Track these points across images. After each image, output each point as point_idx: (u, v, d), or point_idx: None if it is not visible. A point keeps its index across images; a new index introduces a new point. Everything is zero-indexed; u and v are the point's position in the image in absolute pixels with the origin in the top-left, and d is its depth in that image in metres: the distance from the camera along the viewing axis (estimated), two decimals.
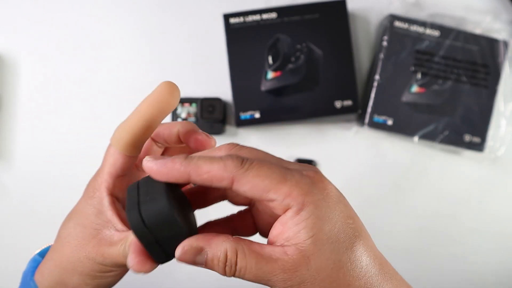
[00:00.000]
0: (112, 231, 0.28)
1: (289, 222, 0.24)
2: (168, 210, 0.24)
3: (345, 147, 0.59)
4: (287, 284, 0.24)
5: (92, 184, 0.29)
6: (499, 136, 0.58)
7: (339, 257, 0.24)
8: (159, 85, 0.28)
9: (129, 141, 0.28)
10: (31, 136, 0.58)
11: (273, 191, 0.24)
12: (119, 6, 0.59)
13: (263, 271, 0.24)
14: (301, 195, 0.24)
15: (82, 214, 0.29)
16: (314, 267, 0.24)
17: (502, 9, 0.60)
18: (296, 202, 0.24)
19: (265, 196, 0.24)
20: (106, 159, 0.29)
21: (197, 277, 0.58)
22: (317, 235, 0.24)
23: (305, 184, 0.24)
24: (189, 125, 0.31)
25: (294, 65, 0.55)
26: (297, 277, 0.24)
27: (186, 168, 0.25)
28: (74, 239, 0.28)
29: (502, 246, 0.59)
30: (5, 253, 0.58)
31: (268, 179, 0.24)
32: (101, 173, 0.29)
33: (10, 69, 0.58)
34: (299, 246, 0.24)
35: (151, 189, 0.25)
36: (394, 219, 0.59)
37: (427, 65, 0.56)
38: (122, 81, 0.59)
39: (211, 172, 0.24)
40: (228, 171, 0.24)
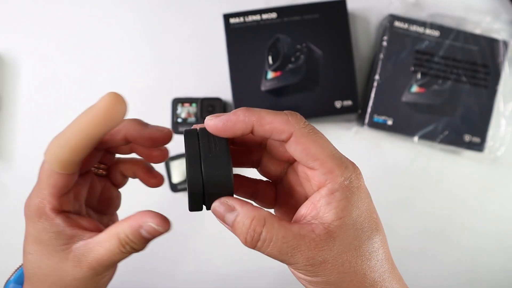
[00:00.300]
0: (81, 243, 0.27)
1: (321, 200, 0.25)
2: (230, 177, 0.25)
3: (345, 147, 0.58)
4: (309, 262, 0.25)
5: (34, 208, 0.27)
6: (499, 136, 0.58)
7: (361, 244, 0.25)
8: (103, 96, 0.25)
9: (69, 160, 0.25)
10: (31, 136, 0.58)
11: (320, 161, 0.25)
12: (119, 6, 0.59)
13: (288, 245, 0.24)
14: (340, 176, 0.25)
15: (40, 243, 0.27)
16: (337, 249, 0.25)
17: (502, 9, 0.60)
18: (334, 181, 0.25)
19: (310, 162, 0.25)
20: (44, 179, 0.27)
21: (196, 279, 0.58)
22: (345, 218, 0.25)
23: (346, 168, 0.26)
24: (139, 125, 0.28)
25: (294, 65, 0.55)
26: (320, 256, 0.24)
27: (249, 118, 0.25)
28: (49, 270, 0.27)
29: (502, 246, 0.59)
30: (5, 253, 0.58)
31: (321, 148, 0.25)
32: (40, 194, 0.27)
33: (10, 69, 0.58)
34: (326, 225, 0.25)
35: (212, 144, 0.26)
36: (394, 219, 0.59)
37: (427, 65, 0.56)
38: (122, 81, 0.59)
39: (273, 123, 0.25)
40: (290, 125, 0.25)
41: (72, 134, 0.25)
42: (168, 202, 0.57)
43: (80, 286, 0.27)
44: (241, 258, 0.57)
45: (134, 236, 0.26)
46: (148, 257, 0.57)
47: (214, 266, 0.58)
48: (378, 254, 0.26)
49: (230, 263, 0.58)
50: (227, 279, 0.58)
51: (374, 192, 0.62)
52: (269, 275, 0.57)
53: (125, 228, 0.26)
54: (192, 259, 0.58)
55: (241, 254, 0.57)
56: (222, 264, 0.58)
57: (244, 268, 0.58)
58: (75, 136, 0.25)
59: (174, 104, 0.56)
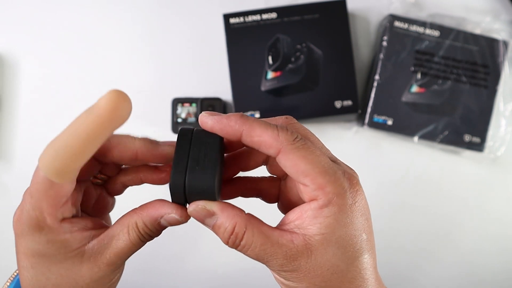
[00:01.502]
0: (94, 242, 0.26)
1: (308, 212, 0.25)
2: (212, 190, 0.25)
3: (345, 147, 0.59)
4: (282, 268, 0.25)
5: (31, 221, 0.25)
6: (499, 136, 0.58)
7: (339, 262, 0.25)
8: (104, 94, 0.21)
9: (65, 167, 0.22)
10: (31, 136, 0.58)
11: (310, 178, 0.24)
12: (119, 6, 0.59)
13: (265, 253, 0.25)
14: (332, 193, 0.24)
15: (45, 256, 0.25)
16: (313, 262, 0.25)
17: (502, 9, 0.60)
18: (324, 197, 0.25)
19: (301, 179, 0.25)
20: (39, 190, 0.24)
21: (198, 277, 0.58)
22: (328, 235, 0.25)
23: (340, 185, 0.25)
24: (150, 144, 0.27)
25: (294, 65, 0.55)
26: (294, 265, 0.25)
27: (240, 127, 0.25)
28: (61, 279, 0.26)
29: (502, 246, 0.59)
30: (5, 253, 0.58)
31: (310, 164, 0.24)
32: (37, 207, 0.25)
33: (10, 69, 0.58)
34: (307, 238, 0.25)
35: (202, 153, 0.25)
36: (394, 218, 0.59)
37: (427, 65, 0.56)
38: (122, 81, 0.59)
39: (262, 136, 0.25)
40: (279, 142, 0.25)
41: (71, 139, 0.22)
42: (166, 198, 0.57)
43: (97, 286, 0.27)
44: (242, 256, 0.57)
45: (152, 225, 0.26)
46: (149, 256, 0.57)
47: (216, 264, 0.58)
48: (359, 277, 0.26)
49: (232, 261, 0.58)
50: (229, 277, 0.58)
51: (374, 192, 0.63)
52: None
53: (144, 218, 0.26)
54: (194, 257, 0.58)
55: None
56: (225, 262, 0.58)
57: (246, 266, 0.58)
58: (74, 141, 0.22)
59: (174, 104, 0.56)
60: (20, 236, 0.26)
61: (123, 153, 0.26)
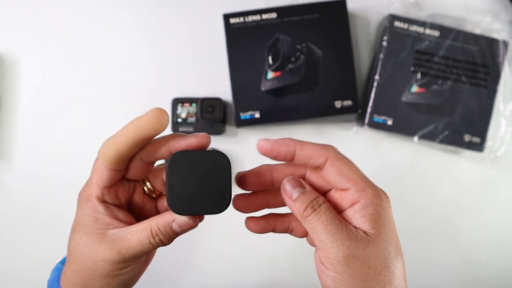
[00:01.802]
0: (115, 230, 0.30)
1: (355, 214, 0.29)
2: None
3: (345, 147, 0.58)
4: (344, 252, 0.27)
5: (84, 194, 0.31)
6: (499, 136, 0.58)
7: (389, 257, 0.28)
8: (150, 110, 0.29)
9: (115, 157, 0.29)
10: (31, 136, 0.58)
11: (353, 181, 0.29)
12: (119, 6, 0.59)
13: (334, 223, 0.28)
14: (372, 194, 0.29)
15: (82, 224, 0.31)
16: (370, 251, 0.27)
17: (502, 9, 0.60)
18: (366, 198, 0.29)
19: (344, 182, 0.29)
20: (94, 171, 0.31)
21: (201, 285, 0.58)
22: (378, 229, 0.28)
23: (376, 189, 0.30)
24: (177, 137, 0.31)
25: (294, 65, 0.55)
26: (354, 250, 0.27)
27: (294, 143, 0.30)
28: (84, 248, 0.31)
29: (502, 246, 0.59)
30: (5, 253, 0.58)
31: (353, 170, 0.30)
32: (90, 184, 0.31)
33: (10, 69, 0.58)
34: (365, 231, 0.28)
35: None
36: (393, 218, 0.59)
37: (427, 65, 0.56)
38: (122, 81, 0.59)
39: (313, 149, 0.30)
40: (327, 151, 0.30)
41: (120, 138, 0.29)
42: None
43: (106, 267, 0.30)
44: (249, 266, 0.57)
45: (164, 229, 0.30)
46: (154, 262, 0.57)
47: (219, 273, 0.58)
48: (400, 274, 0.28)
49: (237, 270, 0.58)
50: (232, 286, 0.58)
51: None
52: (275, 284, 0.57)
53: (158, 221, 0.30)
54: (198, 265, 0.58)
55: (248, 261, 0.57)
56: (228, 272, 0.58)
57: (250, 276, 0.58)
58: (122, 137, 0.29)
59: (174, 104, 0.56)
60: (77, 208, 0.32)
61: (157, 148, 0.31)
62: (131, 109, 0.58)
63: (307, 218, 0.29)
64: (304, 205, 0.29)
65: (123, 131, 0.29)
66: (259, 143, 0.31)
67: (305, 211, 0.29)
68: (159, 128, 0.28)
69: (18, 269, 0.57)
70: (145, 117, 0.28)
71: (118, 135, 0.29)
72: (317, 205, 0.29)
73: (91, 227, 0.30)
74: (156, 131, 0.29)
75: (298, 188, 0.30)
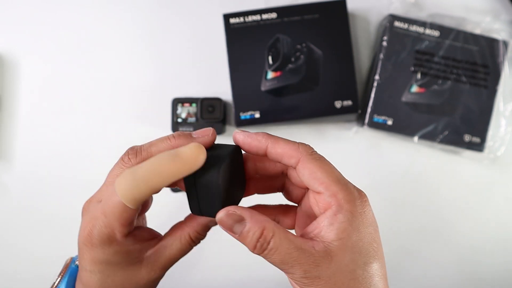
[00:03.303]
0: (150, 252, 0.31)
1: (324, 221, 0.27)
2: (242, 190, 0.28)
3: (345, 147, 0.59)
4: (306, 275, 0.26)
5: (102, 236, 0.28)
6: (499, 136, 0.58)
7: (356, 268, 0.26)
8: (189, 146, 0.26)
9: (144, 198, 0.27)
10: (31, 136, 0.58)
11: (325, 185, 0.27)
12: (119, 7, 0.59)
13: (290, 257, 0.26)
14: (344, 200, 0.27)
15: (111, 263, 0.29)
16: (332, 267, 0.26)
17: (502, 9, 0.60)
18: (338, 203, 0.27)
19: (316, 186, 0.28)
20: (115, 213, 0.27)
21: (203, 284, 0.58)
22: (344, 240, 0.26)
23: (351, 193, 0.28)
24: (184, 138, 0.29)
25: (294, 65, 0.55)
26: (316, 271, 0.26)
27: (266, 141, 0.29)
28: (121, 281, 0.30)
29: (502, 246, 0.59)
30: (5, 253, 0.58)
31: (326, 173, 0.28)
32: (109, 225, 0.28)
33: (10, 69, 0.58)
34: (326, 244, 0.27)
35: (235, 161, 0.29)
36: (393, 218, 0.59)
37: (427, 65, 0.56)
38: (122, 81, 0.59)
39: (285, 148, 0.28)
40: (299, 152, 0.28)
41: (153, 176, 0.26)
42: (169, 202, 0.57)
43: (151, 286, 0.31)
44: (247, 263, 0.57)
45: (204, 230, 0.31)
46: None
47: (222, 271, 0.58)
48: (372, 282, 0.27)
49: (237, 268, 0.58)
50: (234, 285, 0.58)
51: (373, 192, 0.63)
52: (273, 282, 0.57)
53: (196, 227, 0.31)
54: (200, 263, 0.58)
55: (247, 259, 0.57)
56: (230, 269, 0.58)
57: (251, 273, 0.58)
58: (156, 179, 0.26)
59: (174, 104, 0.56)
60: (90, 248, 0.29)
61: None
62: (131, 109, 0.58)
63: (261, 255, 0.27)
64: (252, 244, 0.27)
65: (157, 170, 0.26)
66: (235, 135, 0.30)
67: (256, 249, 0.27)
68: (198, 166, 0.26)
69: (18, 269, 0.57)
70: (186, 157, 0.25)
71: (151, 175, 0.26)
72: (266, 243, 0.26)
73: (125, 261, 0.30)
74: (195, 169, 0.26)
75: (237, 225, 0.27)
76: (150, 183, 0.26)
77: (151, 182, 0.26)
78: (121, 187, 0.26)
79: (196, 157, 0.25)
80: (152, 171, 0.26)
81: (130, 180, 0.26)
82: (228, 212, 0.27)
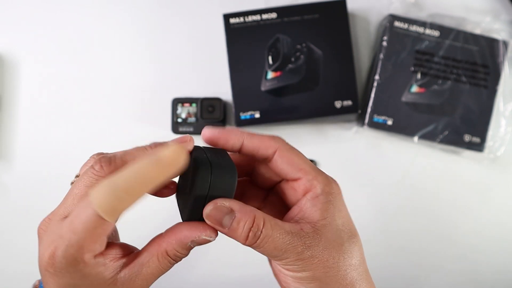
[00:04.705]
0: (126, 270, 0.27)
1: (307, 204, 0.28)
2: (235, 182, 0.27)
3: (345, 147, 0.59)
4: (299, 257, 0.27)
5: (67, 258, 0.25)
6: (499, 136, 0.58)
7: (343, 242, 0.28)
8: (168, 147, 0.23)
9: (121, 208, 0.23)
10: (31, 136, 0.58)
11: (304, 171, 0.29)
12: (119, 7, 0.59)
13: (283, 242, 0.26)
14: (323, 183, 0.28)
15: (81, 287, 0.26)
16: (323, 245, 0.27)
17: (502, 9, 0.60)
18: (318, 186, 0.28)
19: (295, 172, 0.29)
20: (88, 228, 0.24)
21: (203, 281, 0.58)
22: (329, 218, 0.28)
23: (326, 177, 0.29)
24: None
25: (294, 65, 0.55)
26: (309, 252, 0.27)
27: (241, 135, 0.29)
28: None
29: (502, 246, 0.59)
30: (5, 253, 0.58)
31: (303, 160, 0.29)
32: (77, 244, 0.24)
33: (10, 69, 0.58)
34: (313, 225, 0.28)
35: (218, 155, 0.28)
36: (394, 218, 0.59)
37: (427, 65, 0.56)
38: (122, 81, 0.59)
39: (262, 139, 0.29)
40: (276, 142, 0.29)
41: (134, 184, 0.23)
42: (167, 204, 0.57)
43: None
44: (247, 261, 0.57)
45: (183, 249, 0.27)
46: None
47: (222, 268, 0.58)
48: (357, 255, 0.29)
49: (237, 266, 0.58)
50: (234, 282, 0.58)
51: (373, 192, 0.63)
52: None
53: (174, 245, 0.27)
54: (199, 261, 0.58)
55: (247, 256, 0.57)
56: (231, 267, 0.58)
57: (252, 271, 0.58)
58: (138, 187, 0.23)
59: (174, 104, 0.56)
60: (53, 273, 0.25)
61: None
62: (131, 109, 0.58)
63: (253, 246, 0.27)
64: (244, 235, 0.26)
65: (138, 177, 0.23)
66: (205, 131, 0.29)
67: (248, 240, 0.26)
68: (181, 167, 0.24)
69: (18, 269, 0.57)
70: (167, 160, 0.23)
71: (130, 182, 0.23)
72: (259, 231, 0.26)
73: (95, 285, 0.26)
74: (178, 173, 0.24)
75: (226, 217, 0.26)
76: (132, 192, 0.23)
77: (134, 191, 0.23)
78: (99, 199, 0.23)
79: (177, 157, 0.23)
80: (134, 178, 0.23)
81: (110, 190, 0.23)
82: (217, 205, 0.26)
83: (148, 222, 0.50)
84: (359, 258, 0.29)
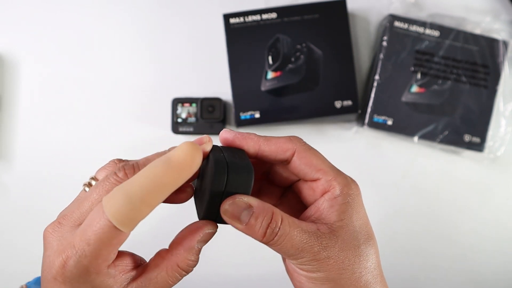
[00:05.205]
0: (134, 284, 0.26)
1: (325, 203, 0.28)
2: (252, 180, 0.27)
3: (345, 147, 0.59)
4: (315, 257, 0.26)
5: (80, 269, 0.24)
6: (499, 136, 0.58)
7: (359, 244, 0.28)
8: (179, 147, 0.23)
9: (136, 217, 0.23)
10: (31, 136, 0.58)
11: (322, 171, 0.28)
12: (119, 7, 0.59)
13: (300, 241, 0.26)
14: (342, 184, 0.28)
15: None
16: (339, 246, 0.27)
17: (502, 9, 0.60)
18: (336, 187, 0.28)
19: (314, 173, 0.28)
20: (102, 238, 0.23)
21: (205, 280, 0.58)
22: (346, 220, 0.28)
23: (345, 178, 0.29)
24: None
25: (294, 65, 0.55)
26: (325, 252, 0.26)
27: (258, 138, 0.29)
28: None
29: (502, 246, 0.59)
30: (5, 253, 0.58)
31: (321, 160, 0.29)
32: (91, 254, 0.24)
33: (10, 69, 0.58)
34: (329, 225, 0.27)
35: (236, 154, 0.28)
36: (394, 218, 0.59)
37: (427, 65, 0.56)
38: (122, 81, 0.59)
39: (278, 143, 0.29)
40: (293, 144, 0.29)
41: (149, 191, 0.22)
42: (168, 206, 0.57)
43: None
44: (247, 261, 0.57)
45: (193, 254, 0.27)
46: None
47: (222, 268, 0.58)
48: (373, 258, 0.28)
49: (237, 266, 0.58)
50: (234, 282, 0.58)
51: (374, 192, 0.63)
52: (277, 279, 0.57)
53: (182, 254, 0.27)
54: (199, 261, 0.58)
55: (247, 256, 0.57)
56: (231, 267, 0.58)
57: (252, 271, 0.58)
58: (153, 193, 0.22)
59: (174, 104, 0.56)
60: (61, 283, 0.25)
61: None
62: (131, 109, 0.58)
63: (270, 243, 0.26)
64: (262, 232, 0.26)
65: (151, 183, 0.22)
66: (222, 133, 0.29)
67: (265, 237, 0.26)
68: (196, 168, 0.23)
69: (18, 269, 0.57)
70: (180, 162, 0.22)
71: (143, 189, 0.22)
72: (277, 228, 0.26)
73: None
74: (193, 173, 0.24)
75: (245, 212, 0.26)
76: (148, 199, 0.22)
77: (149, 198, 0.22)
78: (113, 209, 0.22)
79: (190, 157, 0.22)
80: (149, 185, 0.22)
81: (122, 198, 0.22)
82: (235, 200, 0.26)
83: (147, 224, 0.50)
84: (374, 261, 0.28)
